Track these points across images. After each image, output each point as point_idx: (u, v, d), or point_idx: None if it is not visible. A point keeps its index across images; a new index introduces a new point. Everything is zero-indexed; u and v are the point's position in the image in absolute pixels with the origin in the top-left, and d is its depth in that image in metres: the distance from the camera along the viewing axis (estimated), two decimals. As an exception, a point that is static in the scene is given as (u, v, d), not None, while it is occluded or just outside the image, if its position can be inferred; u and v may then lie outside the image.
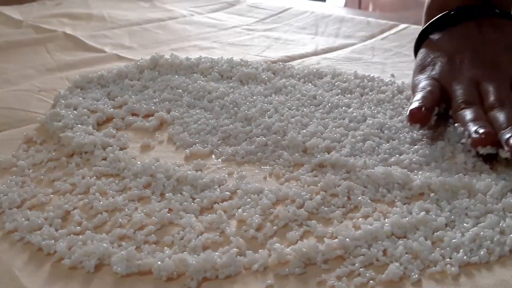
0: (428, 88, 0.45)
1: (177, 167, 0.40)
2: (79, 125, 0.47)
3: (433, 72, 0.47)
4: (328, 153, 0.41)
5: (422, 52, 0.51)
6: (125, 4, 0.92)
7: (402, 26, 0.74)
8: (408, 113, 0.43)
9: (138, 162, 0.41)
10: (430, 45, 0.50)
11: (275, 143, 0.44)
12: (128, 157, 0.42)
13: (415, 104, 0.43)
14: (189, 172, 0.39)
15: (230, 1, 0.92)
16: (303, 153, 0.42)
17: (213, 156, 0.43)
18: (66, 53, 0.68)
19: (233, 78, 0.57)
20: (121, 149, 0.44)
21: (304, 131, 0.45)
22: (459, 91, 0.44)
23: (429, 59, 0.49)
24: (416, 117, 0.43)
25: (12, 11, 0.85)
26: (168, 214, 0.36)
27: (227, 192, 0.38)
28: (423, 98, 0.44)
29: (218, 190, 0.38)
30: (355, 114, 0.47)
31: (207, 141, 0.45)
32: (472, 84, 0.45)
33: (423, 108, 0.43)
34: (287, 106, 0.49)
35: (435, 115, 0.43)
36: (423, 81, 0.47)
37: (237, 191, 0.38)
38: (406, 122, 0.45)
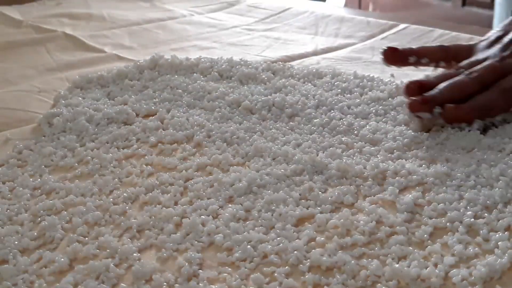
0: (445, 46, 0.53)
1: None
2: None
3: (482, 42, 0.51)
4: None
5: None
6: (125, 4, 0.92)
7: (402, 26, 0.74)
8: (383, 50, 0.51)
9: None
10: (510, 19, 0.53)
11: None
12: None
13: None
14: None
15: (230, 1, 0.92)
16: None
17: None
18: (66, 53, 0.68)
19: (233, 78, 0.57)
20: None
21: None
22: (466, 60, 0.49)
23: (496, 29, 0.52)
24: (386, 55, 0.51)
25: (12, 11, 0.85)
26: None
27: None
28: (423, 47, 0.52)
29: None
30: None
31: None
32: (483, 60, 0.47)
33: (399, 49, 0.51)
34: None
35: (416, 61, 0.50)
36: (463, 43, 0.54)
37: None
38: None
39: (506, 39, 0.48)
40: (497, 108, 0.44)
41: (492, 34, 0.51)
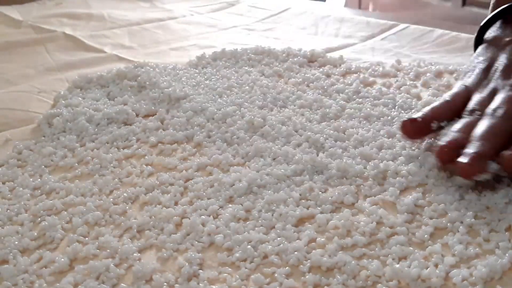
0: (448, 98, 0.42)
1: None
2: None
3: (469, 79, 0.43)
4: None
5: (473, 56, 0.47)
6: (125, 4, 0.92)
7: (402, 26, 0.74)
8: (400, 123, 0.40)
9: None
10: (482, 48, 0.47)
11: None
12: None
13: (416, 114, 0.40)
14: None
15: (230, 1, 0.92)
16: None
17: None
18: (66, 53, 0.68)
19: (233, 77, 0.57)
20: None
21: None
22: (473, 101, 0.40)
23: (472, 65, 0.45)
24: (406, 129, 0.40)
25: (12, 11, 0.85)
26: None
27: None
28: (432, 108, 0.41)
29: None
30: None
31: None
32: (491, 94, 0.40)
33: (419, 119, 0.39)
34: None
35: (438, 127, 0.40)
36: (453, 89, 0.43)
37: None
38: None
39: (499, 67, 0.42)
40: None
41: (471, 70, 0.45)
